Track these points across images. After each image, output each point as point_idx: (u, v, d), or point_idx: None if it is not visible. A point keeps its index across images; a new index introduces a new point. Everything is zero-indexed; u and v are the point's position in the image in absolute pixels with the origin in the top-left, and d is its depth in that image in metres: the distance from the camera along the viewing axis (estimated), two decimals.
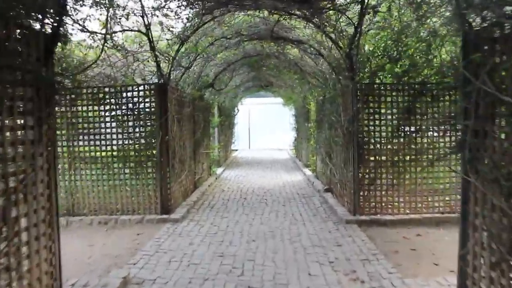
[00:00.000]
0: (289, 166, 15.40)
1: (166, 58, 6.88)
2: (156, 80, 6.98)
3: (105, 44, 5.70)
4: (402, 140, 6.71)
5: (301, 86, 12.99)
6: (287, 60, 10.21)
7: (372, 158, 6.79)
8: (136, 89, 6.74)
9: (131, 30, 6.46)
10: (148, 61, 6.95)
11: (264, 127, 23.77)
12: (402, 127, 6.72)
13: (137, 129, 6.78)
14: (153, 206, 6.83)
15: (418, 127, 6.71)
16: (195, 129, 9.39)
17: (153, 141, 6.77)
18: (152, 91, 6.74)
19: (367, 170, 6.78)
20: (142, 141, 6.80)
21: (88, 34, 5.37)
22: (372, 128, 6.77)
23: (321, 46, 7.84)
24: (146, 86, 6.77)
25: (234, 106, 18.90)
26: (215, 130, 14.20)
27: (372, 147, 6.77)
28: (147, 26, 6.35)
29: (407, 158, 6.72)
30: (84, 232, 6.16)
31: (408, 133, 6.70)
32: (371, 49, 6.83)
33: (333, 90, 8.35)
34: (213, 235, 5.91)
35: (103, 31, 5.56)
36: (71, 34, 4.13)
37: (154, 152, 6.79)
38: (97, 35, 5.54)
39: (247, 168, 14.75)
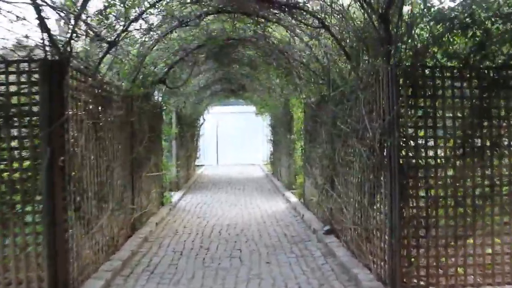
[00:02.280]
0: (266, 187, 12.49)
1: (64, 12, 3.84)
2: (55, 58, 3.90)
3: None
4: (471, 161, 3.98)
5: (283, 86, 10.19)
6: (268, 46, 7.38)
7: (422, 193, 4.02)
8: (1, 69, 3.67)
9: None
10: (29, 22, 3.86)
11: (235, 140, 20.81)
12: (471, 140, 4.01)
13: (5, 144, 3.69)
14: (35, 284, 3.72)
15: (496, 139, 4.02)
16: (134, 143, 6.34)
17: (37, 164, 3.70)
18: (36, 74, 3.70)
19: (415, 213, 3.99)
20: (15, 164, 3.72)
21: None
22: (422, 141, 4.02)
23: (326, 14, 5.04)
24: (21, 64, 3.72)
25: (199, 114, 15.88)
26: (173, 144, 11.13)
27: (422, 173, 4.00)
28: None
29: (480, 191, 4.00)
30: None
31: (481, 150, 3.99)
32: (416, 10, 4.09)
33: (342, 83, 5.56)
34: None
35: None
36: None
37: (40, 183, 3.72)
38: None
39: (214, 191, 11.72)
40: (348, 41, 4.82)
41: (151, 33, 5.93)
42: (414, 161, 3.97)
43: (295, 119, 11.12)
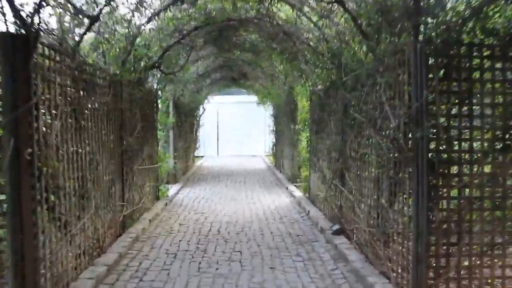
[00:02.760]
0: (268, 179, 11.92)
1: None
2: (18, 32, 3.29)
3: None
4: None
5: (288, 73, 9.55)
6: (272, 27, 6.73)
7: (455, 193, 3.43)
8: None
9: None
10: None
11: (236, 130, 20.21)
12: None
13: None
14: None
15: None
16: (124, 133, 5.74)
17: None
18: None
19: (446, 216, 3.40)
20: None
21: None
22: (456, 133, 3.42)
23: None
24: None
25: (199, 103, 15.25)
26: (170, 134, 10.54)
27: (455, 170, 3.40)
28: None
29: None
30: None
31: None
32: None
33: (357, 66, 4.93)
34: None
35: None
36: None
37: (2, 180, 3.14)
38: None
39: (213, 183, 11.15)
40: (366, 17, 4.16)
41: (142, 9, 5.29)
42: (445, 155, 3.37)
43: (299, 109, 10.53)
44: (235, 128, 20.16)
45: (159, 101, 8.30)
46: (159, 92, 7.99)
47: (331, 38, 5.63)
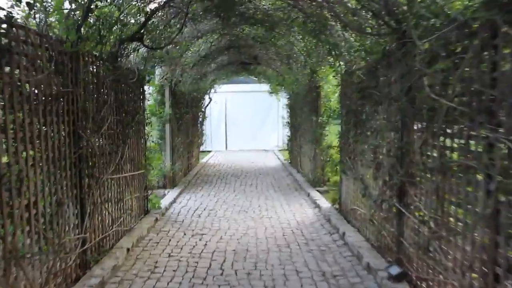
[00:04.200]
0: (284, 182, 10.07)
1: None
2: None
3: None
4: None
5: (311, 51, 7.64)
6: None
7: None
8: None
9: None
10: None
11: (245, 123, 18.31)
12: None
13: None
14: None
15: None
16: (83, 129, 3.93)
17: None
18: None
19: None
20: None
21: None
22: None
23: None
24: None
25: (203, 92, 13.42)
26: (166, 129, 8.73)
27: None
28: None
29: None
30: None
31: None
32: None
33: (439, 18, 3.01)
34: None
35: None
36: None
37: None
38: None
39: (219, 187, 9.33)
40: None
41: None
42: None
43: (322, 97, 8.63)
44: (245, 120, 18.26)
45: (147, 87, 6.47)
46: (147, 76, 6.14)
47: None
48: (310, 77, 8.69)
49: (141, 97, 6.14)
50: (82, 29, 4.03)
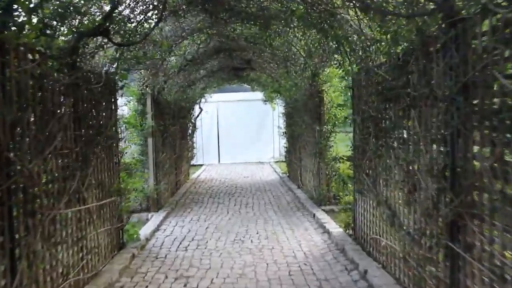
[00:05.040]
0: (284, 199, 8.97)
1: None
2: None
3: None
4: None
5: (313, 50, 6.63)
6: None
7: None
8: None
9: None
10: None
11: (239, 134, 17.20)
12: None
13: None
14: None
15: None
16: (10, 151, 2.82)
17: None
18: None
19: None
20: None
21: None
22: None
23: None
24: None
25: (192, 102, 12.36)
26: (149, 143, 7.62)
27: None
28: None
29: None
30: None
31: None
32: None
33: None
34: None
35: None
36: None
37: None
38: None
39: (211, 209, 8.21)
40: None
41: None
42: None
43: (326, 103, 7.61)
44: (239, 131, 17.15)
45: (121, 93, 5.38)
46: (119, 82, 5.06)
47: None
48: (311, 81, 7.67)
49: (112, 107, 5.05)
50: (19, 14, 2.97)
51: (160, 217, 7.08)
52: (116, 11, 4.26)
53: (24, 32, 2.99)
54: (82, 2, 3.80)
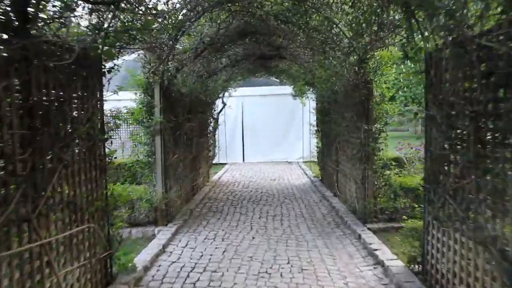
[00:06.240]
0: (319, 211, 7.50)
1: None
2: None
3: None
4: None
5: (361, 28, 5.12)
6: None
7: None
8: None
9: None
10: None
11: (265, 131, 15.75)
12: None
13: None
14: None
15: None
16: None
17: None
18: None
19: None
20: None
21: None
22: None
23: None
24: None
25: (213, 95, 11.03)
26: (156, 143, 6.32)
27: None
28: None
29: None
30: None
31: None
32: None
33: None
34: None
35: None
36: None
37: None
38: None
39: (231, 221, 6.85)
40: None
41: None
42: None
43: (376, 96, 6.09)
44: (265, 128, 15.71)
45: (108, 76, 4.04)
46: (105, 61, 3.75)
47: None
48: (356, 68, 6.16)
49: (96, 95, 3.74)
50: None
51: (168, 234, 5.78)
52: None
53: None
54: None
